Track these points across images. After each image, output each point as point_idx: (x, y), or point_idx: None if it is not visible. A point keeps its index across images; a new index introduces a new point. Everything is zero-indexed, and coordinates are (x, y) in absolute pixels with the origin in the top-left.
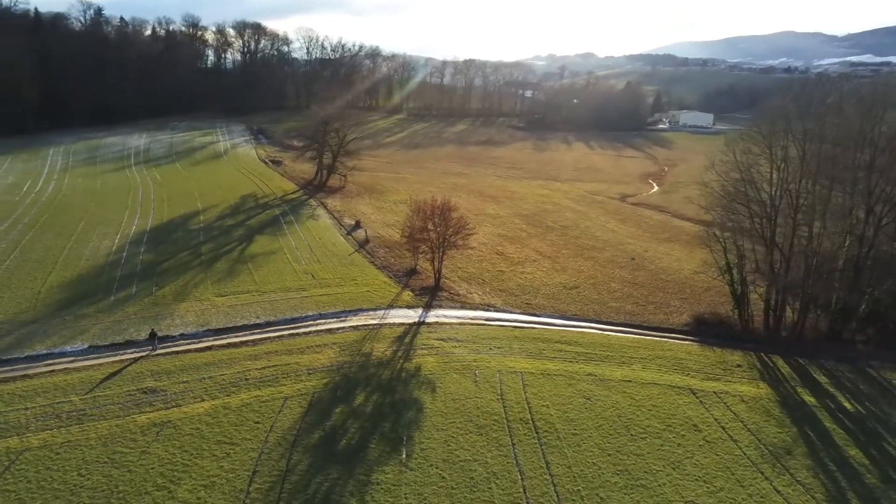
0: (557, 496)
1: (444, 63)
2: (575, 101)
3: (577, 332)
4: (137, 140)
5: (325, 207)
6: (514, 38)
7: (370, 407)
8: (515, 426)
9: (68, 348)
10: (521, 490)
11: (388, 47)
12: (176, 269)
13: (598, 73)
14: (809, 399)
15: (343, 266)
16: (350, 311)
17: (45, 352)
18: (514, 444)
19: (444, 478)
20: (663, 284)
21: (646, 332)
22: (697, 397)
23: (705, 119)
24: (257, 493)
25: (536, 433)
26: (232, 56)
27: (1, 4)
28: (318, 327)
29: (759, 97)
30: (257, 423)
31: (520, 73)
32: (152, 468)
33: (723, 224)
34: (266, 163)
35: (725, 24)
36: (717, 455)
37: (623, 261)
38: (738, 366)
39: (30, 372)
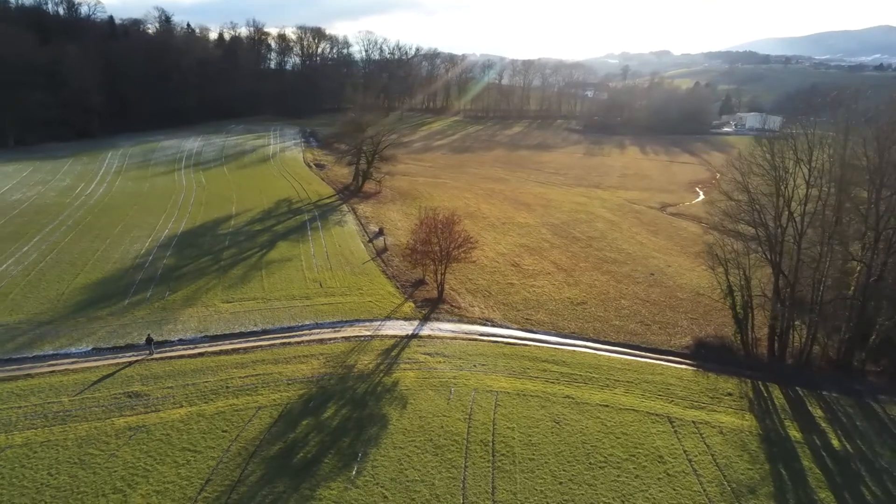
0: None
1: (503, 63)
2: (644, 101)
3: (569, 352)
4: (192, 143)
5: (355, 213)
6: (586, 35)
7: (336, 421)
8: (474, 448)
9: (73, 350)
10: None
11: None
12: (193, 274)
13: (672, 71)
14: (795, 434)
15: (354, 275)
16: (347, 322)
17: (51, 352)
18: (466, 467)
19: (386, 497)
20: (677, 303)
21: (642, 353)
22: (673, 426)
23: (771, 122)
24: (203, 502)
25: (493, 456)
26: (292, 60)
27: (79, 13)
28: (312, 337)
29: (844, 98)
30: (225, 431)
31: (580, 73)
32: (115, 471)
33: (725, 244)
34: (310, 166)
35: (813, 19)
36: (674, 490)
37: (641, 276)
38: (729, 394)
39: (33, 371)
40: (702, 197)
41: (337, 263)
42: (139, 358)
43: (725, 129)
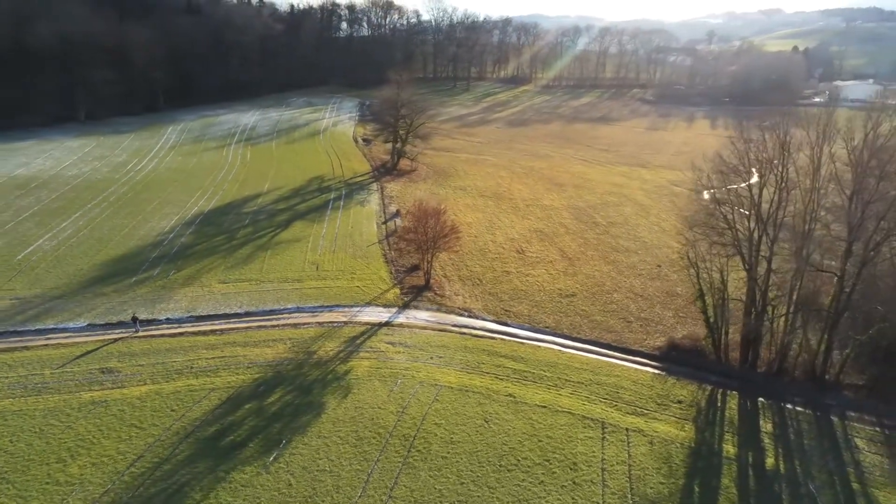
0: None
1: (584, 30)
2: (732, 68)
3: (532, 347)
4: (249, 117)
5: (382, 192)
6: None
7: (277, 406)
8: (393, 442)
9: (71, 325)
10: None
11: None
12: (203, 253)
13: (781, 31)
14: (729, 449)
15: (353, 258)
16: (327, 307)
17: (51, 326)
18: (378, 461)
19: (290, 485)
20: (670, 299)
21: (610, 352)
22: (604, 432)
23: (869, 91)
24: (129, 477)
25: (407, 452)
26: (360, 30)
27: None
28: (288, 321)
29: None
30: (173, 410)
31: (662, 38)
32: (66, 442)
33: (697, 244)
34: (357, 142)
35: None
36: (574, 499)
37: (646, 268)
38: (679, 402)
39: (30, 344)
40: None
41: (342, 245)
42: (125, 335)
43: (816, 99)
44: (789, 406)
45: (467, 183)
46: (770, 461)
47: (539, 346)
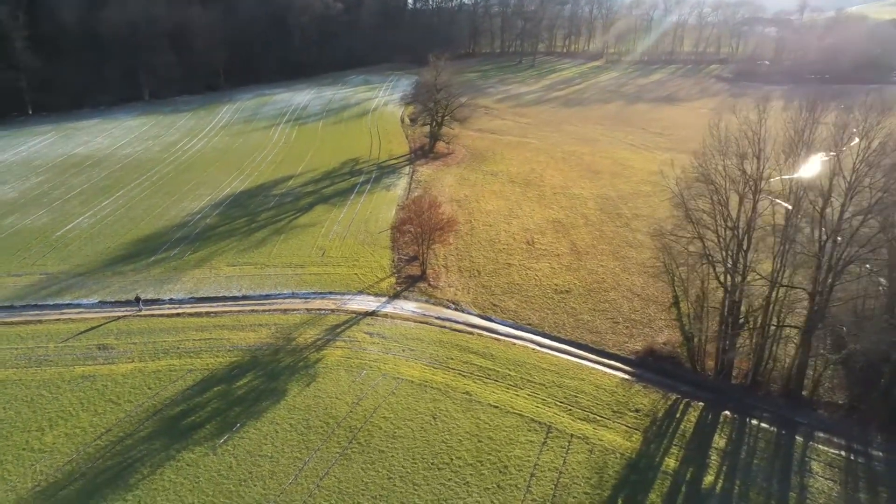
0: (299, 501)
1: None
2: (826, 41)
3: (507, 345)
4: (303, 97)
5: (412, 177)
6: None
7: (242, 391)
8: (339, 433)
9: (84, 301)
10: (279, 492)
11: None
12: (221, 235)
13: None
14: (671, 463)
15: (361, 244)
16: (320, 294)
17: (67, 302)
18: (317, 450)
19: (231, 467)
20: (667, 301)
21: (586, 354)
22: (547, 437)
23: None
24: (93, 449)
25: (348, 443)
26: (424, 5)
27: None
28: (280, 306)
29: None
30: (150, 389)
31: (747, 10)
32: (49, 412)
33: (671, 249)
34: (403, 122)
35: None
36: (491, 503)
37: (655, 265)
38: (637, 410)
39: (44, 318)
40: (818, 169)
41: (355, 231)
42: (128, 314)
43: None
44: (754, 421)
45: (501, 168)
46: (709, 479)
47: (514, 344)
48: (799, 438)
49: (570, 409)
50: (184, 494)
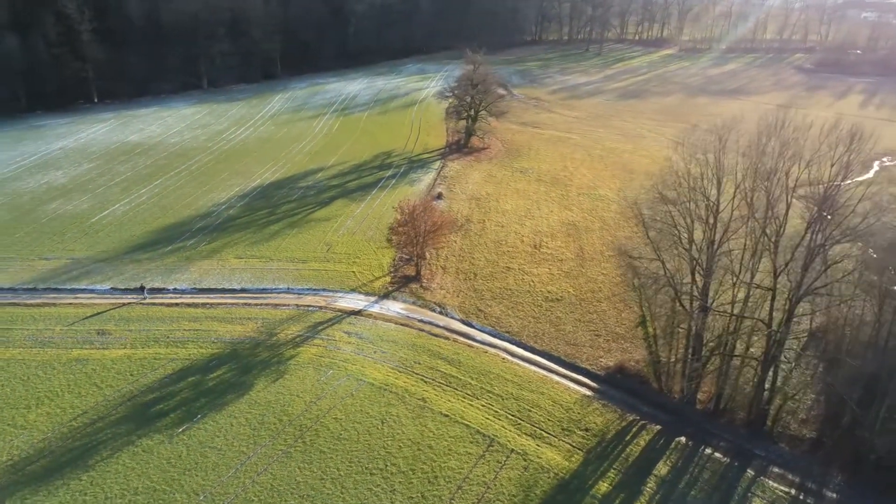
0: (232, 494)
1: None
2: None
3: (478, 352)
4: (354, 86)
5: (440, 172)
6: None
7: (213, 383)
8: (289, 430)
9: (97, 287)
10: (216, 484)
11: None
12: (238, 227)
13: None
14: (602, 487)
15: (367, 241)
16: (314, 290)
17: (83, 287)
18: (264, 446)
19: (181, 457)
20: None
21: (556, 367)
22: (487, 450)
23: None
24: (67, 429)
25: (294, 442)
26: None
27: None
28: (273, 301)
29: None
30: (132, 375)
31: None
32: (39, 391)
33: (639, 266)
34: (448, 114)
35: None
36: None
37: (622, 284)
38: (587, 429)
39: (58, 301)
40: (872, 173)
41: (365, 227)
42: (133, 301)
43: None
44: (708, 450)
45: (532, 165)
46: None
47: (486, 352)
48: (750, 472)
49: (520, 424)
50: (132, 479)
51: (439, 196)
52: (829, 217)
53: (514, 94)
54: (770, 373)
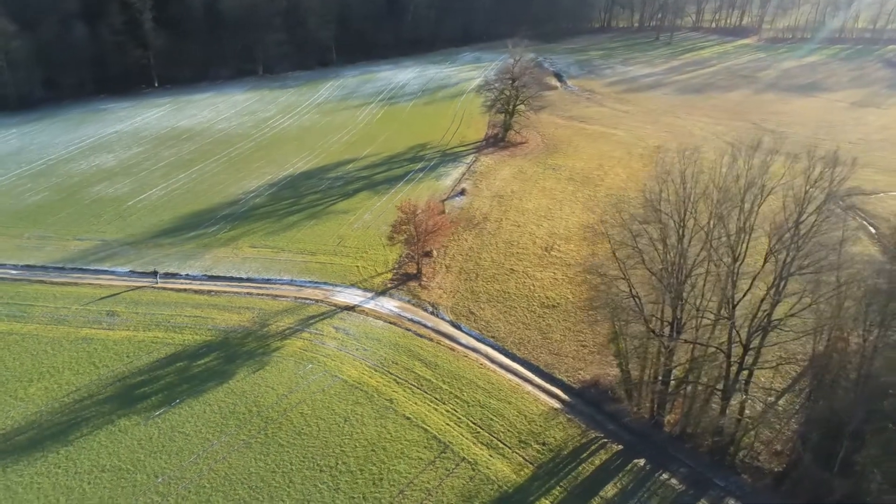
0: (188, 479)
1: None
2: None
3: (458, 356)
4: (405, 75)
5: (471, 167)
6: None
7: (199, 370)
8: (255, 421)
9: (117, 269)
10: (176, 468)
11: None
12: (260, 216)
13: None
14: None
15: (380, 236)
16: (315, 283)
17: (105, 268)
18: (229, 434)
19: (151, 439)
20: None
21: (531, 377)
22: (438, 457)
23: None
24: (59, 404)
25: (257, 433)
26: None
27: None
28: (274, 291)
29: None
30: (127, 357)
31: None
32: (42, 366)
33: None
34: (484, 108)
35: None
36: None
37: (593, 298)
38: (544, 444)
39: (80, 281)
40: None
41: (381, 222)
42: (145, 285)
43: None
44: (665, 475)
45: (567, 162)
46: None
47: (467, 356)
48: (705, 502)
49: (478, 432)
50: (103, 456)
51: (462, 192)
52: (786, 251)
53: (567, 85)
54: (739, 402)
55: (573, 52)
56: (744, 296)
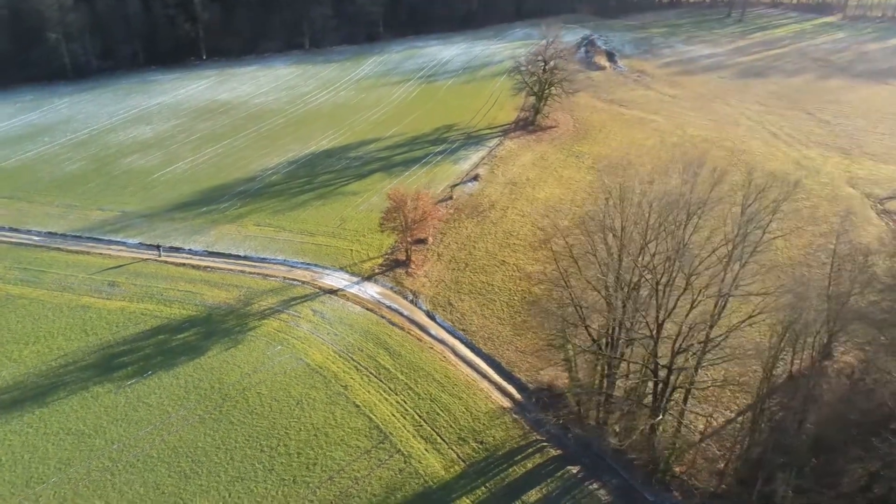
0: (139, 448)
1: None
2: None
3: (423, 347)
4: (450, 51)
5: (492, 151)
6: None
7: (177, 343)
8: (213, 397)
9: (128, 241)
10: (132, 437)
11: None
12: (272, 194)
13: None
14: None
15: (379, 220)
16: (305, 264)
17: (117, 239)
18: (188, 408)
19: (116, 408)
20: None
21: (491, 373)
22: (375, 447)
23: None
24: (46, 367)
25: (214, 409)
26: None
27: None
28: (266, 271)
29: None
30: (117, 327)
31: None
32: (40, 329)
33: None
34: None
35: None
36: (276, 493)
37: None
38: (482, 443)
39: (93, 251)
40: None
41: (386, 206)
42: (150, 258)
43: None
44: (595, 486)
45: (593, 149)
46: None
47: (433, 348)
48: None
49: (421, 426)
50: (71, 420)
51: (475, 178)
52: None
53: (617, 65)
54: (676, 420)
55: (633, 29)
56: (668, 315)
